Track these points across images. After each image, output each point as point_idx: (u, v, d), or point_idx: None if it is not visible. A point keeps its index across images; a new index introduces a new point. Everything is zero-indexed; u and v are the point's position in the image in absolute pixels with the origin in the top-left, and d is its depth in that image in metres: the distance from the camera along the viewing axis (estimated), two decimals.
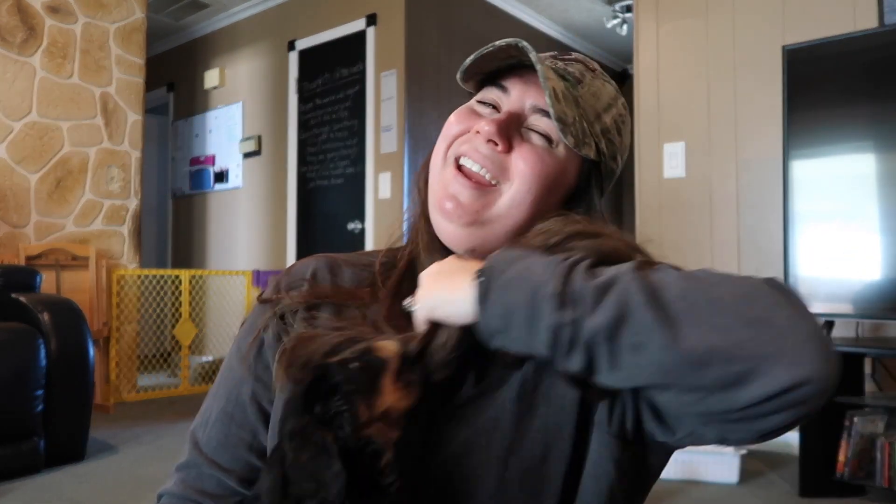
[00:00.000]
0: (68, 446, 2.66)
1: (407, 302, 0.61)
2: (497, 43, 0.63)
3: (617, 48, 5.73)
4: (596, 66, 0.71)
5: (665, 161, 3.31)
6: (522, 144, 0.64)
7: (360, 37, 4.37)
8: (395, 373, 0.53)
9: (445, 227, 0.64)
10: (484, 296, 0.53)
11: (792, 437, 2.78)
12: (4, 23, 3.57)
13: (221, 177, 5.33)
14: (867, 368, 2.60)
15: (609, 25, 5.05)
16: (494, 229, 0.64)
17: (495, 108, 0.67)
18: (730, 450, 2.52)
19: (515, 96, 0.66)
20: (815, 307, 2.48)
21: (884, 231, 2.36)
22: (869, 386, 2.60)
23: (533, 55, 0.62)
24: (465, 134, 0.66)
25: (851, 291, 2.42)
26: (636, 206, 3.39)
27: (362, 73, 4.35)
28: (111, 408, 3.69)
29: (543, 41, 5.25)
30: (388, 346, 0.55)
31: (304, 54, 4.72)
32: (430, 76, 4.26)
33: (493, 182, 0.64)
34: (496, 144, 0.63)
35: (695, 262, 3.44)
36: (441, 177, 0.66)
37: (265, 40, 5.02)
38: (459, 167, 0.65)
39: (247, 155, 5.12)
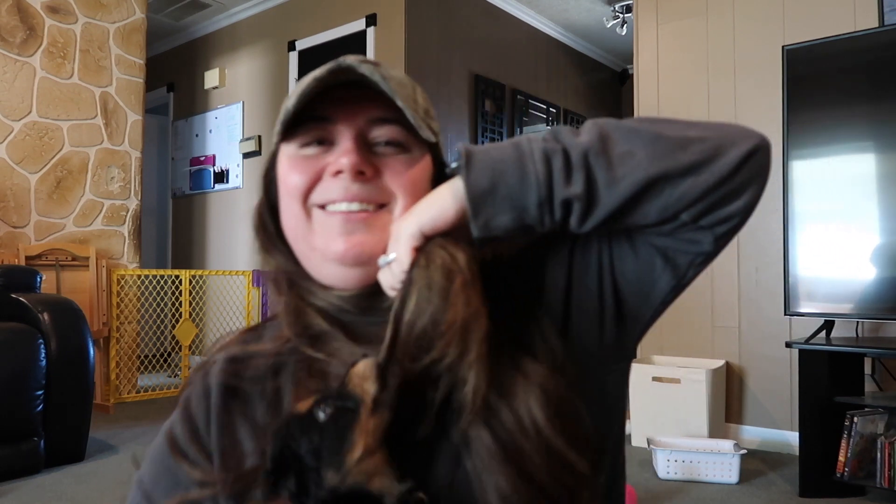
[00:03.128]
0: (68, 446, 2.66)
1: (381, 258, 0.58)
2: (318, 73, 0.60)
3: (617, 48, 5.73)
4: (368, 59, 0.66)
5: None
6: (385, 162, 0.61)
7: (360, 37, 4.37)
8: (370, 410, 0.49)
9: (347, 274, 0.60)
10: (468, 161, 0.53)
11: (792, 437, 2.78)
12: (4, 23, 3.57)
13: (221, 177, 5.33)
14: (867, 368, 2.60)
15: (609, 25, 5.05)
16: None
17: (322, 142, 0.62)
18: (730, 450, 2.52)
19: (344, 118, 0.62)
20: (815, 307, 2.48)
21: (884, 231, 2.36)
22: (869, 386, 2.60)
23: (363, 67, 0.59)
24: (314, 183, 0.61)
25: (851, 291, 2.42)
26: None
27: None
28: (111, 408, 3.69)
29: (543, 41, 5.26)
30: (364, 374, 0.50)
31: (304, 54, 4.72)
32: (430, 76, 4.26)
33: (380, 206, 0.61)
34: (363, 174, 0.60)
35: None
36: (312, 232, 0.61)
37: (265, 40, 5.02)
38: (329, 211, 0.61)
39: (247, 155, 5.12)
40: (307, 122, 0.62)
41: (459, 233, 0.56)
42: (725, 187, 0.53)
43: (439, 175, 0.66)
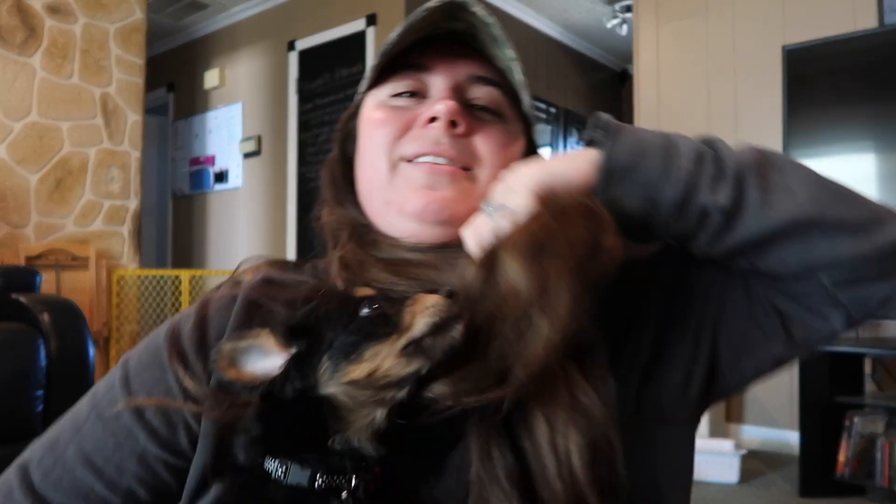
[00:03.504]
0: None
1: (484, 205, 0.51)
2: (428, 5, 0.54)
3: (617, 48, 5.73)
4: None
5: None
6: (480, 126, 0.56)
7: (360, 37, 4.37)
8: (401, 346, 0.43)
9: (423, 231, 0.55)
10: (614, 133, 0.48)
11: (792, 437, 2.78)
12: (4, 23, 3.57)
13: (221, 177, 5.33)
14: (867, 368, 2.60)
15: (609, 25, 5.05)
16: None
17: (413, 94, 0.57)
18: (730, 450, 2.52)
19: (442, 70, 0.57)
20: None
21: None
22: (869, 386, 2.60)
23: (477, 8, 0.53)
24: (403, 133, 0.56)
25: None
26: None
27: (362, 73, 4.32)
28: None
29: (543, 41, 5.26)
30: (426, 308, 0.44)
31: (304, 54, 4.72)
32: None
33: (464, 167, 0.55)
34: (455, 126, 0.54)
35: None
36: (392, 186, 0.56)
37: (265, 40, 5.02)
38: (420, 160, 0.55)
39: (247, 155, 5.12)
40: (401, 70, 0.57)
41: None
42: (881, 262, 0.47)
43: (528, 146, 0.61)
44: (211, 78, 5.39)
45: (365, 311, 0.44)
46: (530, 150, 0.62)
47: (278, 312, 0.53)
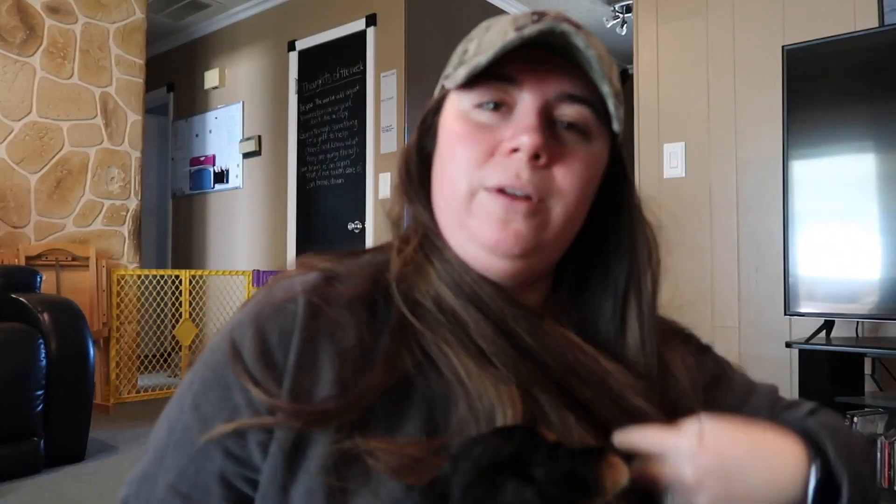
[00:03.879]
0: (68, 446, 2.66)
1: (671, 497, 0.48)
2: (527, 33, 0.51)
3: (617, 48, 5.73)
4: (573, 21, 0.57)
5: (665, 161, 3.31)
6: (562, 154, 0.54)
7: (360, 37, 4.37)
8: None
9: (493, 262, 0.54)
10: (838, 460, 0.49)
11: None
12: (4, 23, 3.57)
13: (221, 177, 5.33)
14: (867, 368, 2.60)
15: (609, 25, 5.05)
16: (548, 253, 0.57)
17: (498, 105, 0.55)
18: None
19: (530, 84, 0.54)
20: (815, 307, 2.48)
21: (884, 231, 2.36)
22: (869, 386, 2.60)
23: (579, 40, 0.52)
24: (486, 160, 0.54)
25: (851, 291, 2.42)
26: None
27: (362, 73, 4.35)
28: (111, 408, 3.69)
29: None
30: (620, 467, 0.43)
31: (304, 54, 4.72)
32: (431, 76, 4.26)
33: (540, 200, 0.54)
34: (537, 158, 0.53)
35: (695, 261, 3.43)
36: (469, 211, 0.54)
37: (265, 40, 5.02)
38: (499, 190, 0.53)
39: (247, 155, 5.12)
40: (488, 77, 0.54)
41: None
42: None
43: (612, 167, 0.60)
44: (211, 78, 5.39)
45: (540, 471, 0.40)
46: (615, 163, 0.61)
47: (340, 318, 0.51)
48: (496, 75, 0.54)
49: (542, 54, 0.54)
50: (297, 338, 0.50)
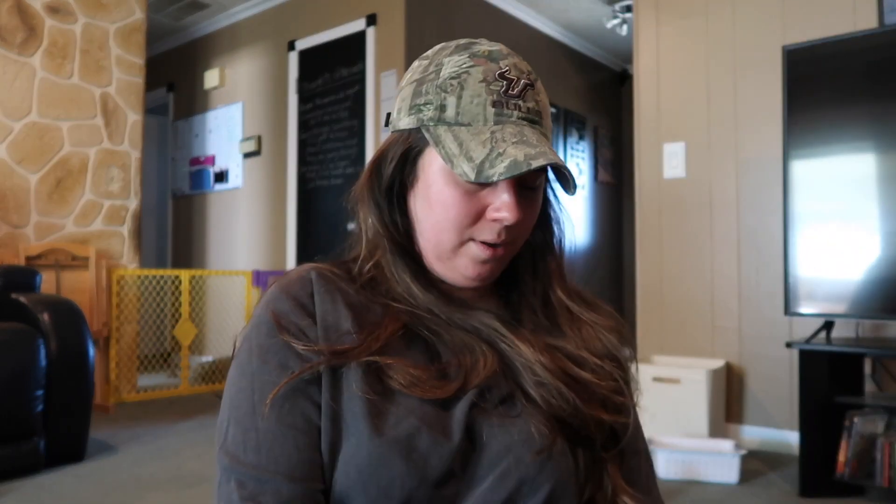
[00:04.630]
0: (68, 446, 2.66)
1: None
2: (534, 165, 0.61)
3: (617, 48, 5.73)
4: (523, 67, 0.71)
5: (665, 161, 3.31)
6: (526, 207, 0.68)
7: (360, 37, 4.37)
8: None
9: (467, 284, 0.69)
10: None
11: (792, 437, 2.78)
12: (4, 23, 3.57)
13: (221, 177, 5.33)
14: (867, 368, 2.60)
15: (609, 25, 5.05)
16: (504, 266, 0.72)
17: None
18: (730, 450, 2.52)
19: None
20: (815, 307, 2.48)
21: (884, 231, 2.36)
22: (869, 386, 2.60)
23: (565, 166, 0.64)
24: (475, 221, 0.67)
25: (851, 291, 2.42)
26: (636, 206, 3.39)
27: (362, 73, 4.35)
28: (111, 408, 3.69)
29: (543, 41, 5.26)
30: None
31: (304, 54, 4.72)
32: None
33: (509, 244, 0.69)
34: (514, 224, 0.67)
35: (695, 262, 3.43)
36: (461, 251, 0.68)
37: (265, 40, 5.02)
38: (482, 242, 0.67)
39: (247, 155, 5.12)
40: None
41: None
42: None
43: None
44: (211, 78, 5.39)
45: None
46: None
47: (345, 287, 0.67)
48: None
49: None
50: (318, 292, 0.66)
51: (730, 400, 3.04)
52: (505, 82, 0.66)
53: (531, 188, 0.69)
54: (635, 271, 3.39)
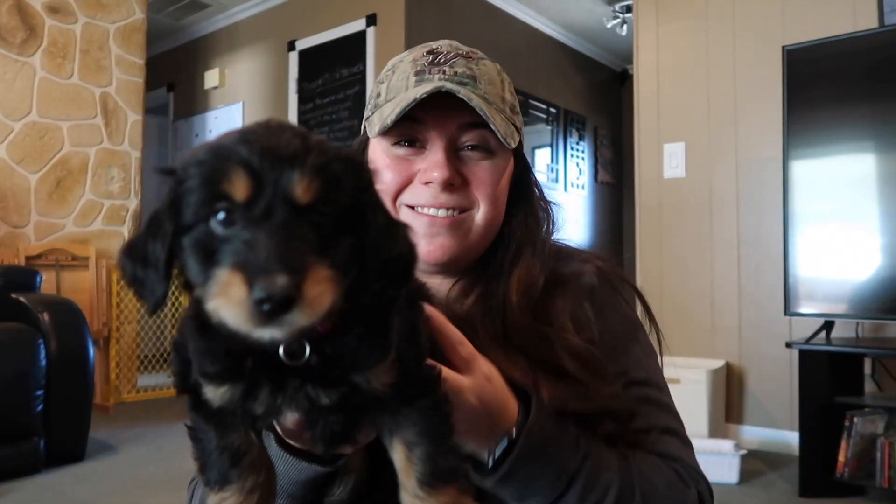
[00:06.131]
0: (68, 446, 2.66)
1: None
2: (419, 95, 0.64)
3: (617, 48, 5.73)
4: (462, 47, 0.72)
5: (665, 161, 3.31)
6: (472, 169, 0.68)
7: (360, 37, 4.36)
8: None
9: (424, 274, 0.69)
10: (527, 449, 0.59)
11: (792, 437, 2.78)
12: (4, 23, 3.57)
13: None
14: (867, 369, 2.60)
15: (609, 25, 5.05)
16: (475, 248, 0.71)
17: (411, 142, 0.69)
18: (730, 450, 2.52)
19: (435, 123, 0.68)
20: (815, 307, 2.48)
21: (884, 231, 2.36)
22: (869, 386, 2.60)
23: (459, 91, 0.64)
24: (405, 185, 0.68)
25: (851, 291, 2.42)
26: (636, 206, 3.39)
27: (362, 73, 4.35)
28: (111, 408, 3.69)
29: (543, 41, 5.25)
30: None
31: (304, 54, 4.72)
32: None
33: (464, 213, 0.68)
34: (453, 185, 0.66)
35: (695, 262, 3.41)
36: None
37: (265, 40, 5.02)
38: (418, 212, 0.67)
39: None
40: (399, 120, 0.67)
41: None
42: None
43: (520, 172, 0.74)
44: (211, 78, 5.38)
45: None
46: (519, 162, 0.75)
47: None
48: (407, 117, 0.66)
49: (444, 99, 0.66)
50: None
51: (730, 400, 3.04)
52: (432, 55, 0.69)
53: (479, 149, 0.68)
54: (635, 271, 3.39)
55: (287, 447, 0.56)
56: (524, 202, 0.74)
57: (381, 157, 0.70)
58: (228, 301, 0.40)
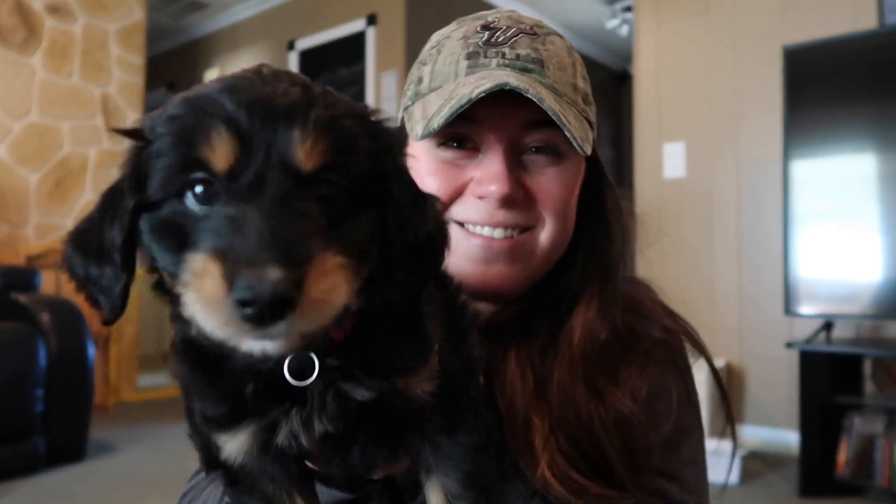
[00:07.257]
0: (68, 446, 2.66)
1: None
2: (475, 94, 0.50)
3: (617, 48, 5.73)
4: (524, 19, 0.58)
5: (665, 161, 3.31)
6: (536, 178, 0.54)
7: (360, 37, 4.36)
8: None
9: (472, 298, 0.54)
10: None
11: (792, 438, 2.78)
12: (5, 23, 3.57)
13: None
14: (867, 369, 2.60)
15: (609, 25, 5.05)
16: (538, 273, 0.57)
17: (462, 143, 0.54)
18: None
19: (492, 123, 0.53)
20: (815, 308, 2.48)
21: (884, 231, 2.36)
22: (869, 386, 2.60)
23: (527, 90, 0.50)
24: (455, 197, 0.54)
25: (851, 291, 2.42)
26: (636, 207, 3.39)
27: (362, 73, 4.35)
28: (111, 408, 3.69)
29: None
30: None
31: (304, 54, 4.72)
32: None
33: (525, 231, 0.54)
34: (514, 200, 0.52)
35: (695, 261, 3.41)
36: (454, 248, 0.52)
37: (265, 40, 5.02)
38: (470, 231, 0.54)
39: None
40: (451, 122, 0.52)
41: None
42: None
43: (592, 177, 0.59)
44: (211, 78, 5.39)
45: None
46: (593, 170, 0.60)
47: None
48: (459, 117, 0.52)
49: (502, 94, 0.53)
50: None
51: (730, 400, 3.04)
52: (488, 32, 0.56)
53: (545, 152, 0.54)
54: (635, 271, 3.39)
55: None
56: (595, 216, 0.61)
57: (425, 159, 0.55)
58: (200, 297, 0.30)
